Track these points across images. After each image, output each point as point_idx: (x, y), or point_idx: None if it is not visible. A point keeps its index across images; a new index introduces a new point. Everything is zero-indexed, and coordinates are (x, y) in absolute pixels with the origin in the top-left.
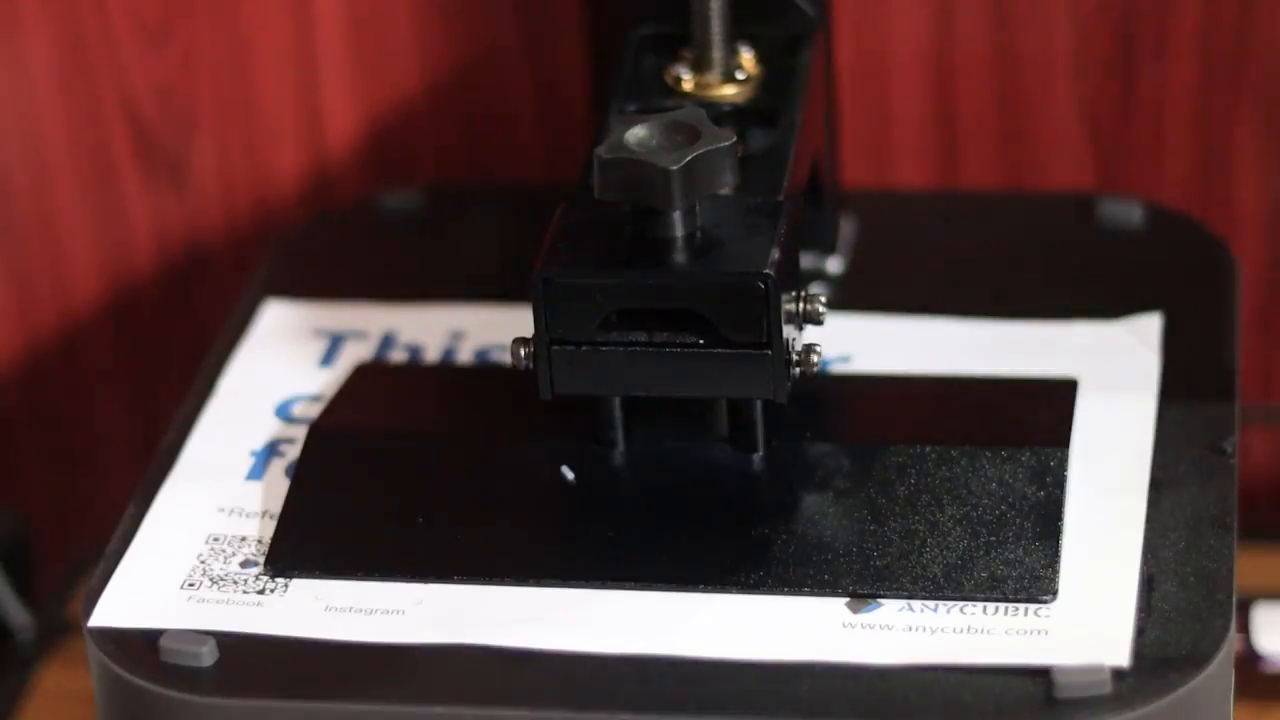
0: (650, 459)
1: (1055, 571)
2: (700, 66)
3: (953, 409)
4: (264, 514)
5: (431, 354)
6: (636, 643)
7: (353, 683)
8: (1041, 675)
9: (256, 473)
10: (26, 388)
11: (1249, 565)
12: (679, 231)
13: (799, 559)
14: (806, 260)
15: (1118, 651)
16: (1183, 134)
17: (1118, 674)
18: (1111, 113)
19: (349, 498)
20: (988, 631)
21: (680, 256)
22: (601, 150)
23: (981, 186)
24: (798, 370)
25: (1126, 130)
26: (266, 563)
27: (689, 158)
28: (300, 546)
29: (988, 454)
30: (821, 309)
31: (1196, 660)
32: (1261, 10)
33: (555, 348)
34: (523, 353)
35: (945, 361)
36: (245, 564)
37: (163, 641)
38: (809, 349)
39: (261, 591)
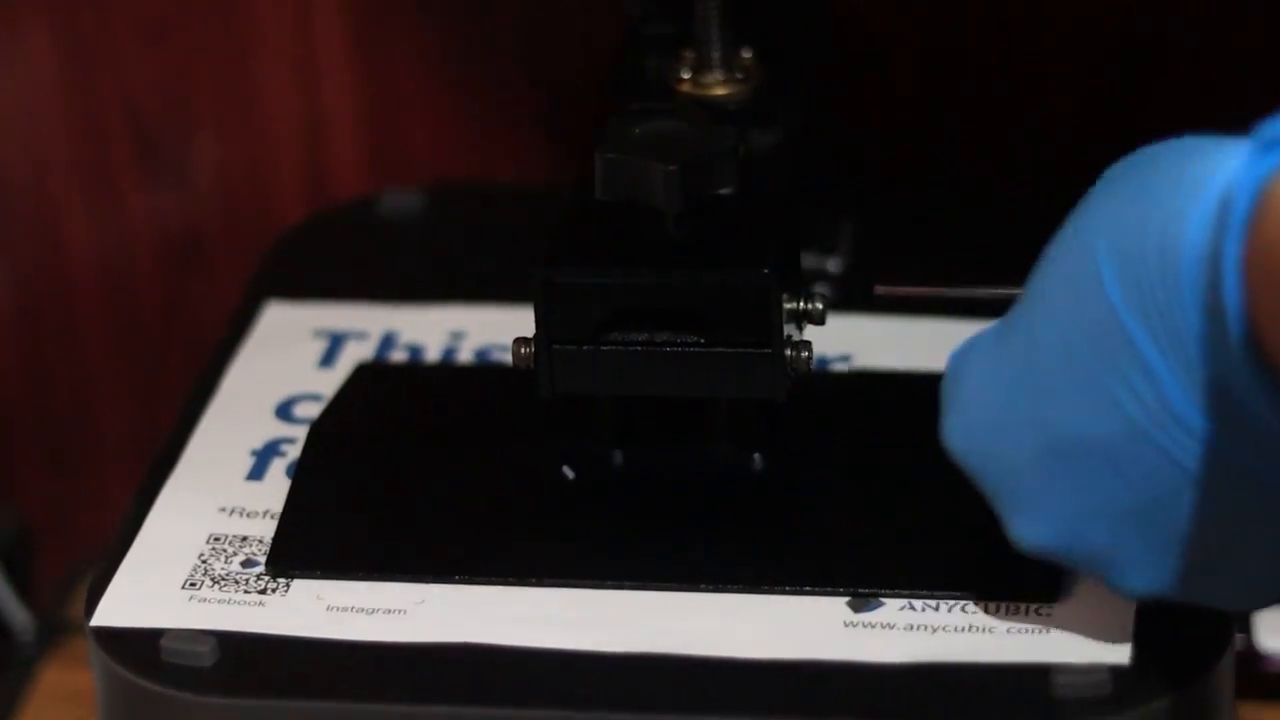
0: (650, 458)
1: (1056, 571)
2: (701, 66)
3: None
4: (265, 514)
5: (432, 354)
6: (637, 642)
7: (354, 682)
8: (1042, 674)
9: (257, 473)
10: (26, 388)
11: None
12: (680, 231)
13: (800, 558)
14: (807, 260)
15: (1118, 651)
16: (1182, 134)
17: (1119, 673)
18: (1111, 112)
19: (350, 498)
20: (989, 630)
21: (681, 256)
22: (603, 150)
23: (981, 186)
24: (793, 369)
25: (1126, 130)
26: (268, 562)
27: (690, 158)
28: (301, 546)
29: None
30: (822, 308)
31: (1197, 660)
32: (1261, 9)
33: (556, 347)
34: (524, 352)
35: (945, 361)
36: (246, 564)
37: (164, 641)
38: (798, 346)
39: (263, 591)
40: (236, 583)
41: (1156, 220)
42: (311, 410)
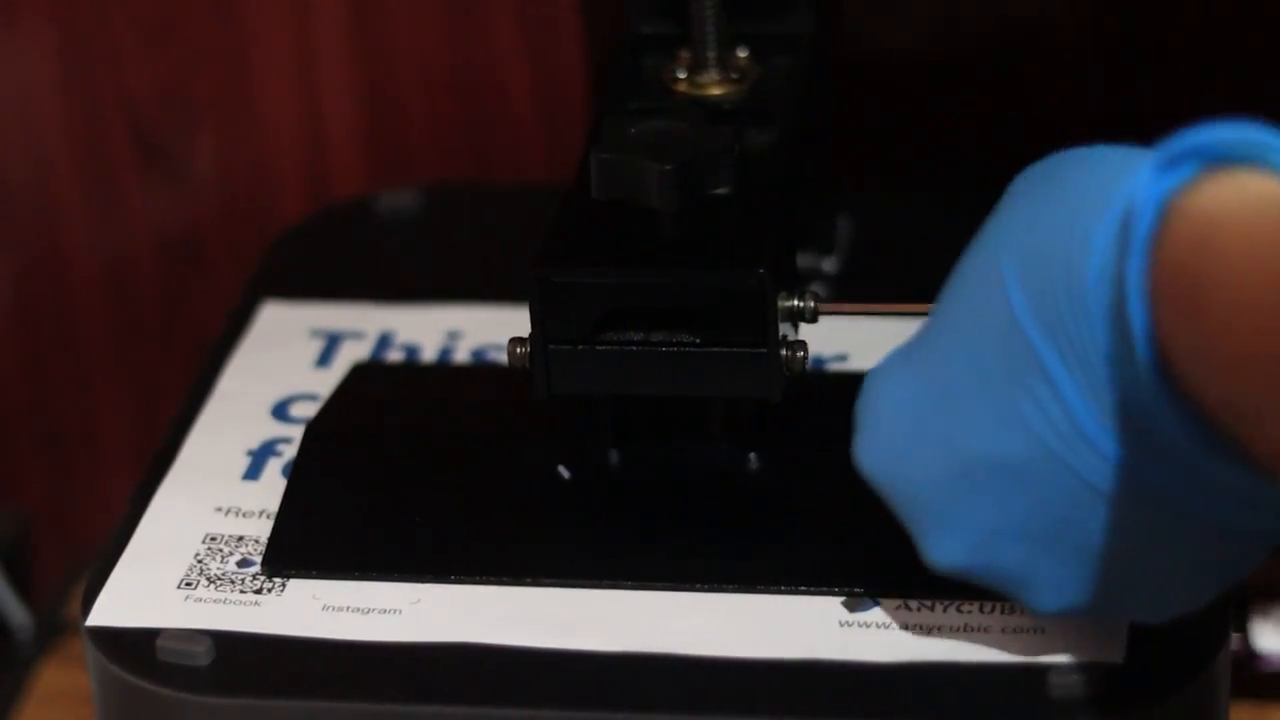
0: (646, 458)
1: None
2: (698, 66)
3: None
4: (261, 513)
5: (428, 354)
6: (633, 642)
7: (350, 682)
8: (1038, 674)
9: (253, 473)
10: (26, 388)
11: None
12: (675, 231)
13: (795, 558)
14: (804, 260)
15: (1114, 650)
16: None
17: (1114, 673)
18: (1112, 112)
19: (346, 497)
20: (984, 630)
21: (676, 256)
22: (598, 150)
23: (980, 186)
24: (789, 369)
25: (1126, 130)
26: (263, 562)
27: (685, 157)
28: (297, 546)
29: None
30: (814, 306)
31: (1193, 659)
32: (1261, 9)
33: (552, 347)
34: (519, 352)
35: None
36: (242, 563)
37: (160, 641)
38: (794, 346)
39: (259, 591)
40: (232, 582)
41: (1062, 236)
42: (308, 410)
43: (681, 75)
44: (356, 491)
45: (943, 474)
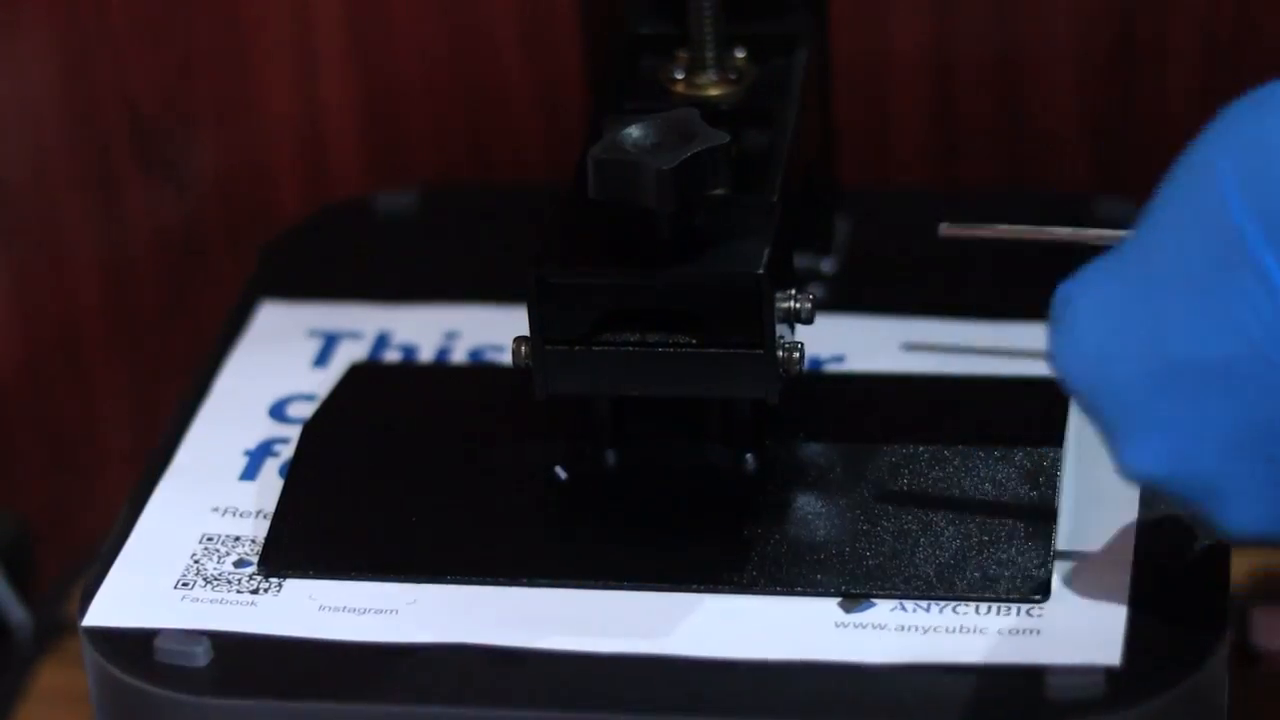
0: (643, 459)
1: (1048, 571)
2: (695, 66)
3: (946, 408)
4: (258, 514)
5: (426, 354)
6: (629, 643)
7: (347, 682)
8: (1034, 675)
9: (250, 473)
10: (26, 387)
11: (1245, 564)
12: (673, 232)
13: (792, 559)
14: (802, 260)
15: (1111, 652)
16: (1182, 134)
17: (1111, 674)
18: (1111, 113)
19: (343, 497)
20: (981, 631)
21: (674, 257)
22: (595, 150)
23: (980, 186)
24: (785, 370)
25: (1126, 130)
26: (260, 562)
27: (683, 158)
28: (294, 546)
29: (981, 454)
30: (810, 307)
31: (1191, 660)
32: (1261, 9)
33: (549, 347)
34: (524, 351)
35: (940, 362)
36: (239, 564)
37: (157, 641)
38: (791, 347)
39: (255, 591)
40: (229, 583)
41: None
42: (305, 410)
43: (679, 76)
44: (353, 491)
45: (1143, 375)
